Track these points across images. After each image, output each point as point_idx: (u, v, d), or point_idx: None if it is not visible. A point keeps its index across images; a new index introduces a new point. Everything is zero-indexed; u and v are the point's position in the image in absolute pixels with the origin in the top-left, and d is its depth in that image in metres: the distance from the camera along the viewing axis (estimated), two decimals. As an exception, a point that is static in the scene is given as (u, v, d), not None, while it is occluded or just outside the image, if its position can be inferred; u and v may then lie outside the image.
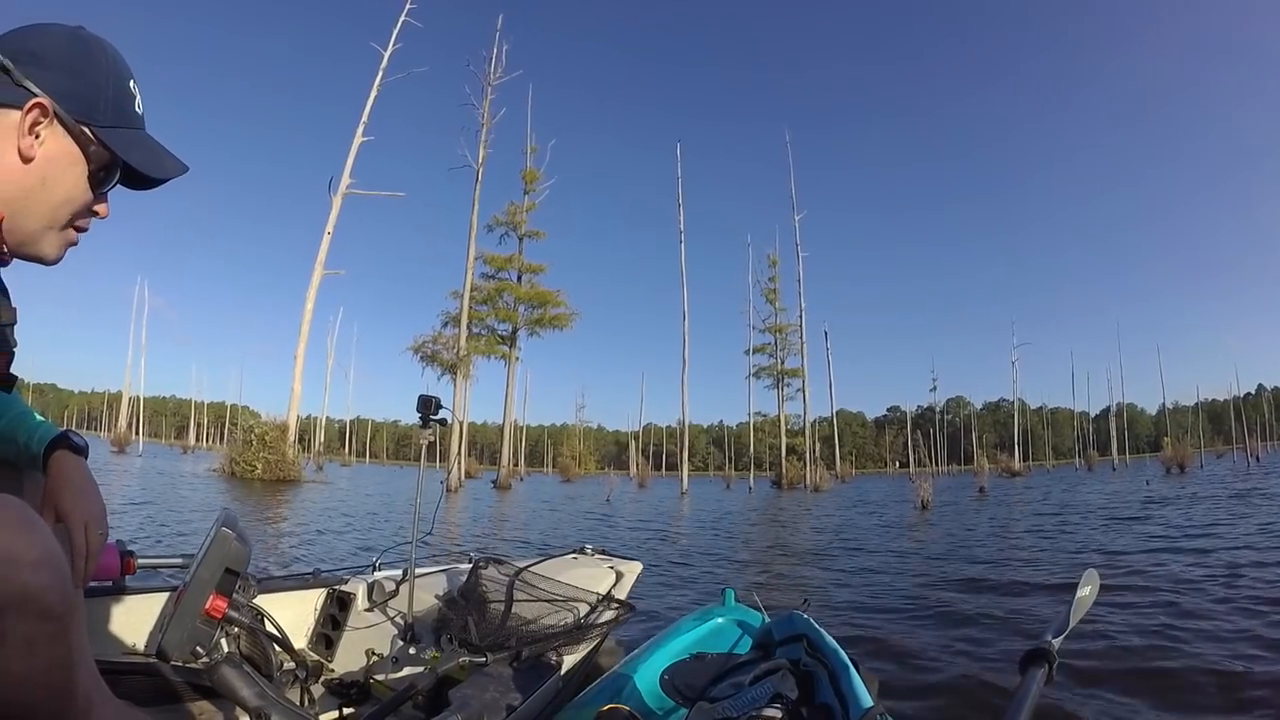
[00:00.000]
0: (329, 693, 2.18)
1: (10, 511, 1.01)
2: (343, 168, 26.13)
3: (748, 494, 31.52)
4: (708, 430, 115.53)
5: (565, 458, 56.31)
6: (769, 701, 1.27)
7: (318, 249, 25.07)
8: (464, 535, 10.74)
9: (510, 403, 35.36)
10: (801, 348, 44.80)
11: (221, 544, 1.64)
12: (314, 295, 25.06)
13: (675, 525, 13.63)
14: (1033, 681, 1.13)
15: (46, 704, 1.07)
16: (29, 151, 1.15)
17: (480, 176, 31.02)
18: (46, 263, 1.27)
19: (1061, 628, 1.31)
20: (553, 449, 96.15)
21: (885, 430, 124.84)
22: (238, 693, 1.63)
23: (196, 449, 67.75)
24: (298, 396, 24.72)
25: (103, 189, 1.27)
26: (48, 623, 1.00)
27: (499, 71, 32.16)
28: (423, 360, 30.54)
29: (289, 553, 7.34)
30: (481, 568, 2.45)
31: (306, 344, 25.09)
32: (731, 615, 2.05)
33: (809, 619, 1.63)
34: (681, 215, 38.62)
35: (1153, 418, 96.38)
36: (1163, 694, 3.09)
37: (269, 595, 2.43)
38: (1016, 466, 45.66)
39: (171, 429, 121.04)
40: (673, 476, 51.10)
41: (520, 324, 35.10)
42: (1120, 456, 60.40)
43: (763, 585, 6.41)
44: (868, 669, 1.42)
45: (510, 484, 31.82)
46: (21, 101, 1.14)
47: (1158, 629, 4.07)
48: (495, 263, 35.49)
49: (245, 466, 21.49)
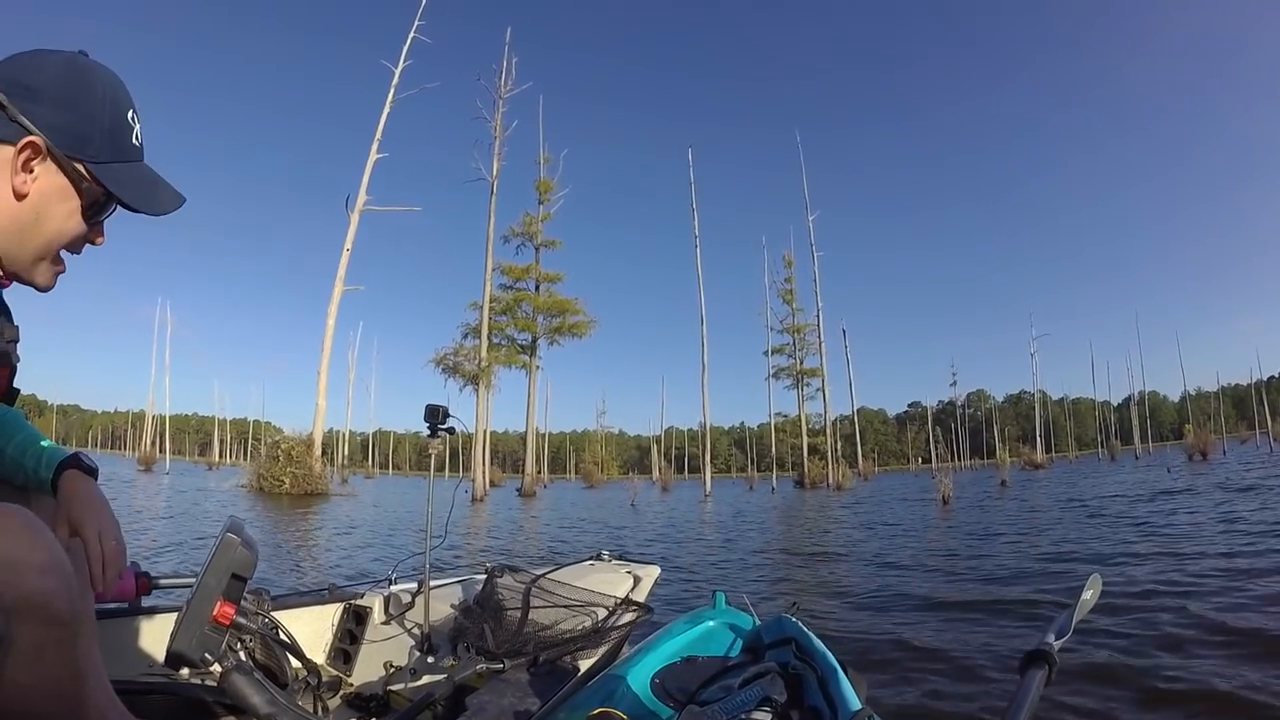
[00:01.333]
0: (347, 705, 2.20)
1: (16, 518, 1.03)
2: (359, 185, 26.53)
3: (770, 494, 31.48)
4: (729, 432, 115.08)
5: (588, 464, 56.37)
6: (758, 705, 1.28)
7: (336, 265, 25.42)
8: (493, 544, 10.84)
9: (532, 411, 35.67)
10: (820, 347, 44.77)
11: (227, 550, 1.62)
12: (335, 311, 25.47)
13: (701, 530, 13.71)
14: (1032, 683, 1.14)
15: (56, 714, 1.07)
16: (22, 188, 1.16)
17: (495, 188, 31.32)
18: (39, 289, 1.28)
19: (1063, 630, 1.31)
20: (575, 455, 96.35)
21: (907, 426, 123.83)
22: (249, 700, 1.60)
23: (221, 465, 68.25)
24: (322, 411, 25.05)
25: (97, 219, 1.28)
26: (55, 629, 1.01)
27: (509, 84, 32.50)
28: (445, 372, 30.94)
29: (341, 566, 7.51)
30: (497, 576, 2.44)
31: (329, 359, 25.46)
32: (722, 618, 2.04)
33: (798, 622, 1.63)
34: (696, 219, 38.81)
35: (1175, 405, 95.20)
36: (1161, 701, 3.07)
37: (285, 612, 2.43)
38: (1038, 459, 45.43)
39: (195, 446, 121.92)
40: (695, 479, 51.06)
41: (540, 333, 35.26)
42: (1143, 445, 59.88)
43: (775, 585, 6.53)
44: (856, 671, 1.42)
45: (535, 491, 31.95)
46: (15, 138, 1.15)
47: (1161, 635, 3.98)
48: (513, 273, 35.67)
49: (273, 481, 21.79)
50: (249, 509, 15.49)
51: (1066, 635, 1.29)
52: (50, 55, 1.22)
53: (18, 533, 1.01)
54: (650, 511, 19.68)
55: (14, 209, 1.17)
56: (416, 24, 28.44)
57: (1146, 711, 2.97)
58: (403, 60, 28.05)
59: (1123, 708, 2.99)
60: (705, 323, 36.36)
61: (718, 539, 11.40)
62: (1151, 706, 3.01)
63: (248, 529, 1.72)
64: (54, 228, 1.22)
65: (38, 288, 1.28)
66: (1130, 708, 3.00)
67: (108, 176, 1.24)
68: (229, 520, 1.72)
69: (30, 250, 1.21)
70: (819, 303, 44.48)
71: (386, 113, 27.64)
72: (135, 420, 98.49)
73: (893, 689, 3.41)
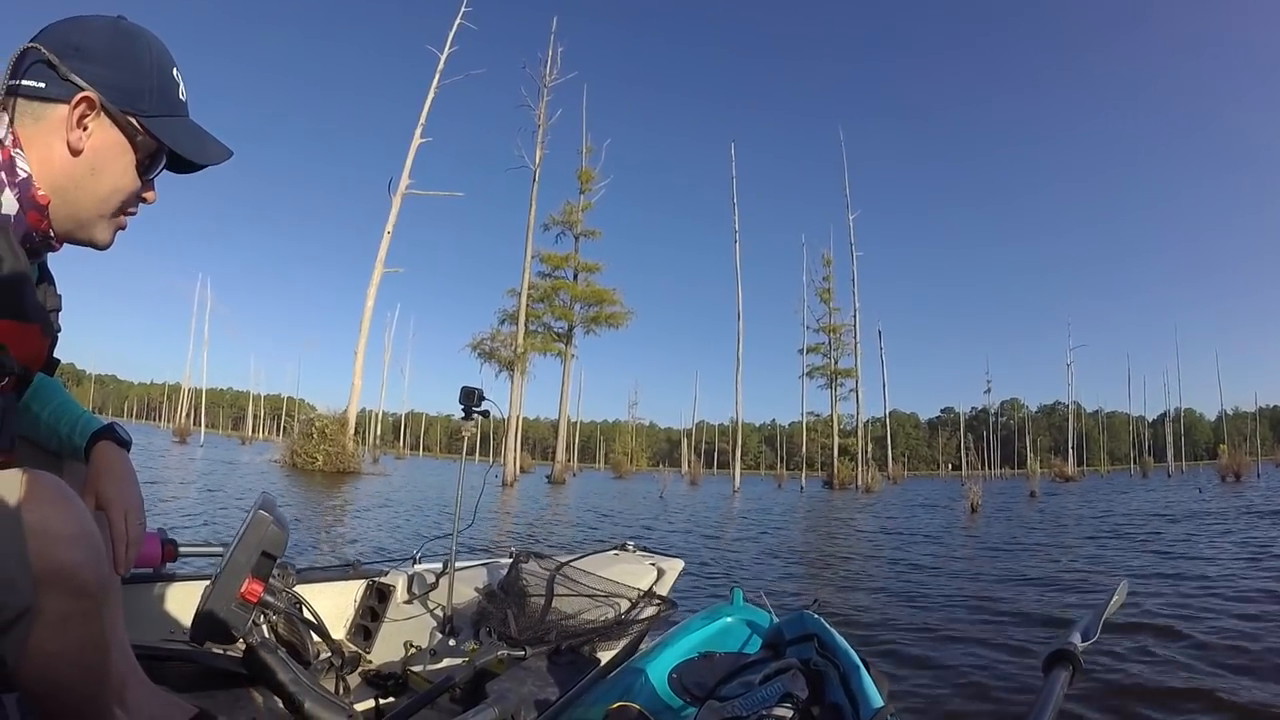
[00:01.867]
0: (366, 683, 2.19)
1: (47, 487, 1.03)
2: (402, 168, 26.77)
3: (799, 493, 31.45)
4: (760, 429, 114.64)
5: (617, 454, 56.33)
6: (779, 701, 1.27)
7: (376, 246, 25.68)
8: (520, 529, 10.95)
9: (565, 399, 35.90)
10: (855, 348, 44.47)
11: (258, 527, 1.63)
12: (374, 293, 25.77)
13: (725, 527, 13.74)
14: (1056, 683, 1.09)
15: (80, 684, 1.09)
16: (77, 144, 1.18)
17: (537, 176, 31.47)
18: (99, 248, 1.29)
19: (1089, 631, 1.26)
20: (604, 445, 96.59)
21: (939, 432, 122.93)
22: (273, 677, 1.63)
23: (254, 440, 69.22)
24: (358, 391, 25.36)
25: (149, 175, 1.29)
26: (82, 600, 1.02)
27: (554, 73, 32.57)
28: (481, 357, 31.15)
29: (372, 540, 7.65)
30: (522, 561, 2.45)
31: (367, 340, 25.77)
32: (740, 615, 2.01)
33: (819, 618, 1.61)
34: (736, 215, 38.59)
35: (1211, 424, 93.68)
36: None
37: (308, 586, 2.44)
38: (1070, 471, 44.84)
39: (229, 420, 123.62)
40: (724, 474, 51.06)
41: (576, 322, 35.41)
42: (1176, 463, 58.93)
43: (802, 583, 6.55)
44: (878, 669, 1.39)
45: (565, 479, 32.15)
46: (69, 96, 1.16)
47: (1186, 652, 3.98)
48: (552, 261, 35.82)
49: (306, 458, 22.10)
50: (282, 484, 15.75)
51: (1092, 638, 1.24)
52: (93, 19, 1.23)
53: (50, 502, 1.01)
54: (677, 504, 19.71)
55: (71, 165, 1.18)
56: (463, 10, 28.59)
57: None
58: (448, 46, 28.17)
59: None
60: (743, 319, 36.31)
61: (744, 534, 11.44)
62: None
63: (279, 507, 1.72)
64: (111, 183, 1.23)
65: (98, 245, 1.28)
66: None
67: (160, 129, 1.25)
68: (261, 497, 1.73)
69: (90, 206, 1.22)
70: (856, 303, 44.23)
71: (431, 98, 27.81)
72: (171, 392, 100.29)
73: (915, 686, 3.41)
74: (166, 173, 1.33)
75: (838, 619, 4.71)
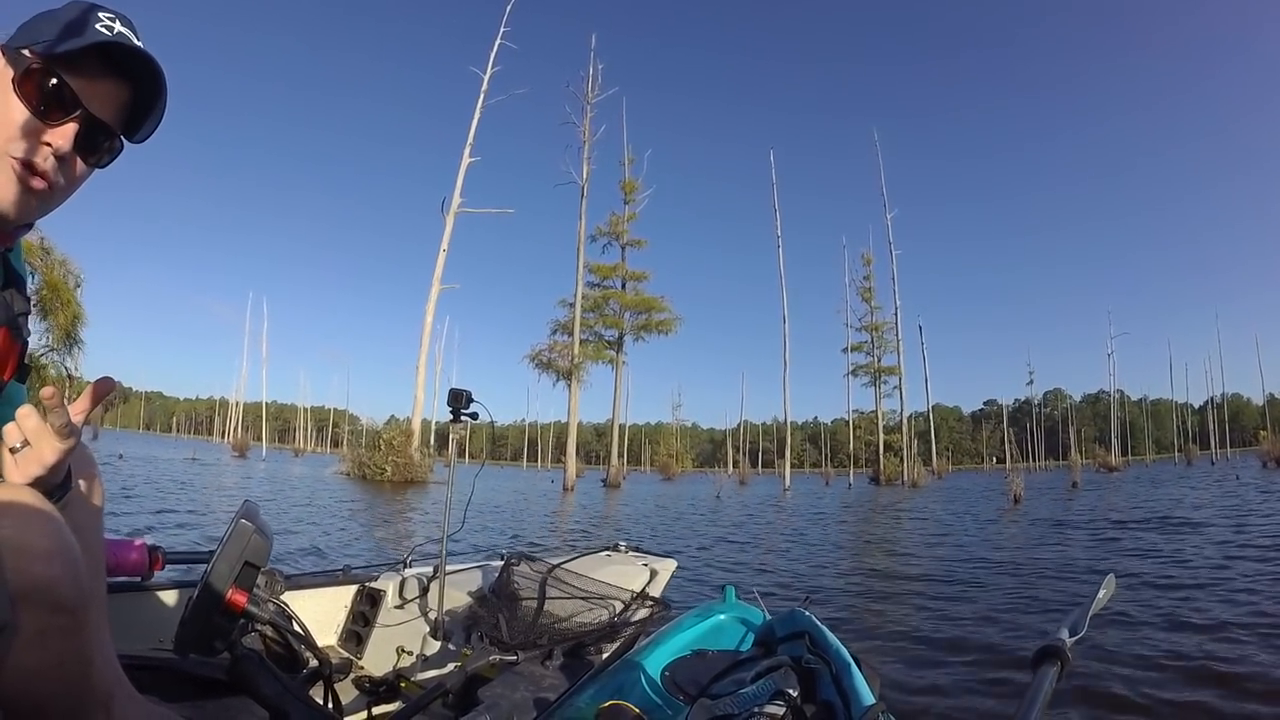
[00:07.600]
0: (358, 691, 2.18)
1: (23, 502, 1.01)
2: (453, 188, 27.64)
3: (847, 490, 31.94)
4: (802, 427, 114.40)
5: (663, 456, 56.59)
6: (771, 698, 1.27)
7: (425, 261, 26.67)
8: (593, 530, 11.45)
9: (618, 405, 36.65)
10: (898, 345, 44.91)
11: (240, 537, 1.58)
12: (433, 309, 26.64)
13: (825, 525, 14.04)
14: (1045, 679, 1.13)
15: (62, 698, 1.06)
16: None
17: (585, 192, 32.25)
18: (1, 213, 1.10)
19: (1076, 627, 1.29)
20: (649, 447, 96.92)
21: (982, 425, 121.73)
22: (258, 689, 1.59)
23: (305, 452, 70.03)
24: (420, 404, 26.22)
25: (51, 115, 1.08)
26: (59, 616, 0.99)
27: (596, 89, 33.43)
28: (538, 368, 31.93)
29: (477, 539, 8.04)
30: (514, 565, 2.43)
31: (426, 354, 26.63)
32: (732, 613, 2.02)
33: (811, 616, 1.62)
34: (778, 220, 39.23)
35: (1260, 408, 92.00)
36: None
37: (299, 592, 2.43)
38: (1113, 461, 44.53)
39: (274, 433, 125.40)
40: (770, 474, 51.41)
41: (626, 330, 36.08)
42: (1221, 450, 58.13)
43: (789, 580, 6.87)
44: (870, 666, 1.45)
45: (620, 482, 32.64)
46: None
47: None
48: (600, 271, 36.59)
49: (375, 469, 22.71)
50: (358, 496, 16.01)
51: (1080, 633, 1.28)
52: None
53: (26, 517, 0.99)
54: (736, 503, 20.12)
55: None
56: (502, 30, 29.57)
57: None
58: (490, 66, 29.13)
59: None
60: (787, 321, 36.87)
61: (827, 539, 11.63)
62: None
63: (261, 515, 1.69)
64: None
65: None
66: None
67: (42, 45, 1.08)
68: (243, 506, 1.69)
69: None
70: (896, 300, 44.69)
71: (477, 118, 28.78)
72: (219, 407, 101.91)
73: (906, 683, 3.51)
74: None
75: (838, 616, 4.93)
